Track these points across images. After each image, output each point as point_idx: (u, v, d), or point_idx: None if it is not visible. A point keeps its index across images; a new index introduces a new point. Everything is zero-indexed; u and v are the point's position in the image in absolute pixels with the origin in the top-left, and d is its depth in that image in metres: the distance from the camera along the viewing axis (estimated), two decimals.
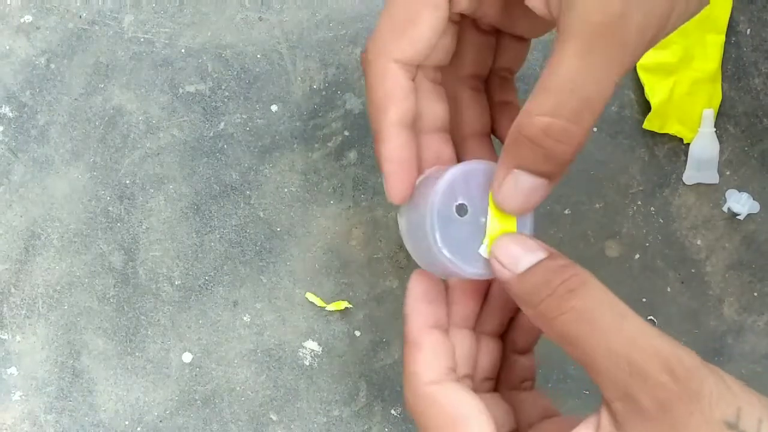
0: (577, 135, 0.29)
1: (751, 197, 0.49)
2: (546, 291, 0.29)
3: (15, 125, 0.51)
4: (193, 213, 0.50)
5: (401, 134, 0.32)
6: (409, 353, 0.31)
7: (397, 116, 0.32)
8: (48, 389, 0.50)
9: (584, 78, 0.28)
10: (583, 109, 0.28)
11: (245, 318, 0.50)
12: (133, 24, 0.51)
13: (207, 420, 0.49)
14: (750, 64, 0.50)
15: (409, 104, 0.32)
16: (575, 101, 0.28)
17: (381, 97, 0.32)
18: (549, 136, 0.29)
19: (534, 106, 0.29)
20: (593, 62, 0.28)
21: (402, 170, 0.33)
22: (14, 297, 0.50)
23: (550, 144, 0.29)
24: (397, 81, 0.32)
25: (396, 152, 0.32)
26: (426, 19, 0.31)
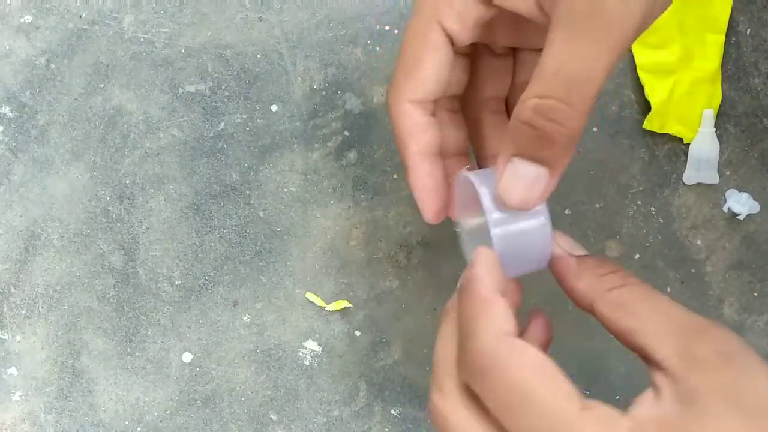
0: (569, 116, 0.29)
1: (751, 197, 0.49)
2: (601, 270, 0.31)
3: (15, 125, 0.51)
4: (193, 213, 0.50)
5: (424, 163, 0.36)
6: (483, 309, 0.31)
7: (417, 148, 0.36)
8: (48, 389, 0.50)
9: (569, 60, 0.29)
10: (571, 90, 0.29)
11: (245, 318, 0.50)
12: (133, 24, 0.51)
13: (207, 420, 0.49)
14: (750, 64, 0.50)
15: (428, 137, 0.36)
16: (561, 82, 0.29)
17: (402, 133, 0.36)
18: (540, 114, 0.30)
19: (526, 91, 0.30)
20: (578, 46, 0.29)
21: (430, 195, 0.36)
22: (14, 297, 0.50)
23: (542, 123, 0.30)
24: (413, 119, 0.35)
25: (421, 180, 0.36)
26: (428, 62, 0.34)
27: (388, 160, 0.50)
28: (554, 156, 0.30)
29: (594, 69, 0.29)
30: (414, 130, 0.35)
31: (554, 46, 0.29)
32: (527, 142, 0.30)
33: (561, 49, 0.29)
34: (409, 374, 0.49)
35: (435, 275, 0.50)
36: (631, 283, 0.31)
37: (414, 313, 0.50)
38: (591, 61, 0.29)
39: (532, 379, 0.28)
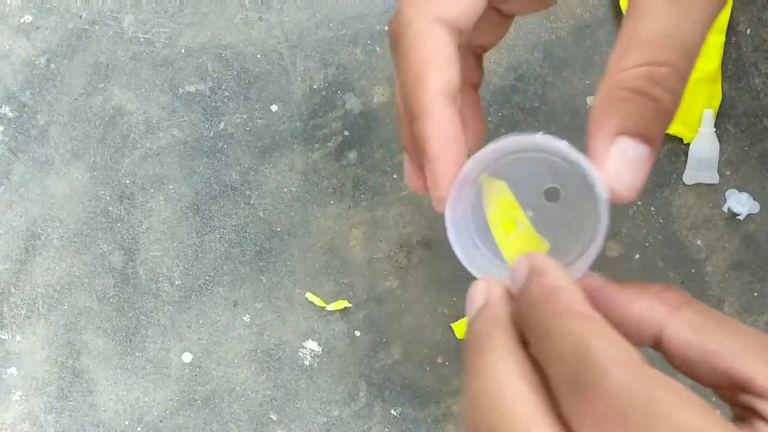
0: (681, 84, 0.26)
1: (751, 197, 0.49)
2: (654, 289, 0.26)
3: (15, 125, 0.51)
4: (193, 213, 0.50)
5: (446, 107, 0.27)
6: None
7: (440, 85, 0.27)
8: (48, 389, 0.50)
9: (681, 25, 0.25)
10: (684, 56, 0.25)
11: (245, 318, 0.50)
12: (133, 24, 0.51)
13: (207, 420, 0.49)
14: (750, 64, 0.50)
15: (454, 73, 0.27)
16: (677, 48, 0.25)
17: (420, 63, 0.27)
18: (656, 83, 0.25)
19: (628, 60, 0.25)
20: (684, 11, 0.25)
21: (451, 152, 0.27)
22: (14, 297, 0.50)
23: (658, 92, 0.25)
24: (440, 43, 0.27)
25: (443, 128, 0.27)
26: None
27: (388, 160, 0.50)
28: (660, 133, 0.26)
29: (700, 35, 0.26)
30: (440, 60, 0.27)
31: (659, 12, 0.25)
32: (638, 114, 0.25)
33: (668, 14, 0.25)
34: (409, 374, 0.49)
35: (435, 275, 0.50)
36: (693, 301, 0.25)
37: (414, 313, 0.50)
38: (701, 25, 0.25)
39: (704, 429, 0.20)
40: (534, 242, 0.30)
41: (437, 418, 0.49)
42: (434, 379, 0.49)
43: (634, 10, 0.26)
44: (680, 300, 0.25)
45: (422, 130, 0.27)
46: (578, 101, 0.49)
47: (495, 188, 0.30)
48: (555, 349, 0.22)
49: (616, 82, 0.25)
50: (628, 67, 0.25)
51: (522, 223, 0.30)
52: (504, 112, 0.50)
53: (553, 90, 0.50)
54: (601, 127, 0.26)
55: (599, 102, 0.26)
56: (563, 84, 0.50)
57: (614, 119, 0.25)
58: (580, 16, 0.51)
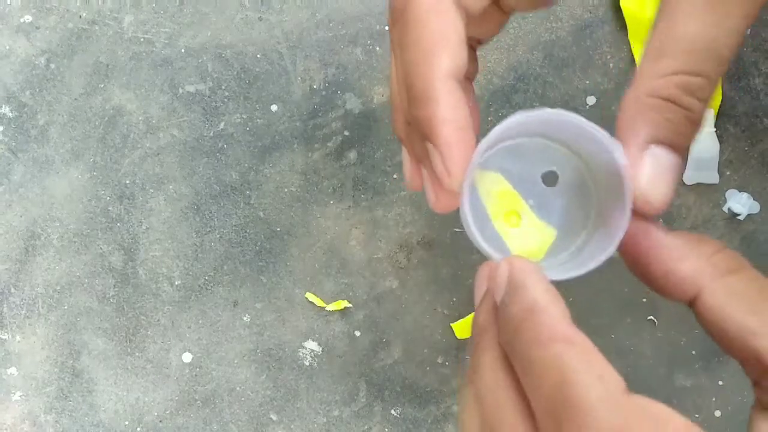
0: (711, 94, 0.25)
1: (751, 197, 0.49)
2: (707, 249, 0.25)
3: (15, 125, 0.51)
4: (193, 213, 0.50)
5: (459, 90, 0.25)
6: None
7: (450, 65, 0.25)
8: (48, 389, 0.50)
9: (718, 32, 0.24)
10: (718, 65, 0.25)
11: (245, 318, 0.50)
12: (133, 24, 0.51)
13: (207, 420, 0.49)
14: (750, 64, 0.50)
15: (463, 57, 0.26)
16: (711, 58, 0.25)
17: (430, 41, 0.25)
18: (689, 93, 0.24)
19: (661, 67, 0.25)
20: (720, 16, 0.24)
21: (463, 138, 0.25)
22: (14, 297, 0.50)
23: (692, 102, 0.24)
24: (453, 22, 0.25)
25: (455, 112, 0.25)
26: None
27: (388, 160, 0.50)
28: (689, 141, 0.25)
29: (734, 44, 0.25)
30: (452, 39, 0.25)
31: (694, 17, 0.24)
32: (669, 123, 0.25)
33: (704, 20, 0.24)
34: (409, 374, 0.49)
35: (435, 275, 0.50)
36: (746, 267, 0.24)
37: (414, 313, 0.49)
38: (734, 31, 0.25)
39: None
40: (540, 231, 0.29)
41: (437, 418, 0.49)
42: (434, 379, 0.49)
43: (669, 12, 0.25)
44: (730, 265, 0.24)
45: (433, 113, 0.25)
46: (578, 101, 0.49)
47: (491, 181, 0.29)
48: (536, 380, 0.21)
49: (649, 88, 0.25)
50: (662, 74, 0.25)
51: (525, 214, 0.29)
52: (504, 112, 0.50)
53: (554, 90, 0.50)
54: (634, 135, 0.25)
55: (631, 106, 0.25)
56: (563, 84, 0.50)
57: (648, 127, 0.25)
58: (580, 16, 0.51)
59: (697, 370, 0.48)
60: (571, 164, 0.29)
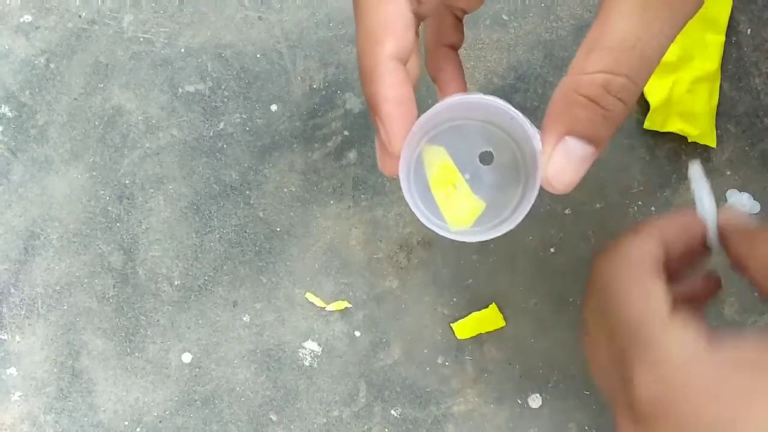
0: (634, 94, 0.27)
1: (751, 197, 0.49)
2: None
3: (14, 125, 0.51)
4: (193, 213, 0.50)
5: (399, 70, 0.28)
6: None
7: (394, 49, 0.28)
8: (47, 389, 0.50)
9: (644, 35, 0.26)
10: (642, 66, 0.27)
11: (245, 318, 0.50)
12: (133, 23, 0.51)
13: (206, 420, 0.49)
14: (750, 64, 0.50)
15: (408, 38, 0.28)
16: (636, 58, 0.26)
17: (376, 25, 0.28)
18: (610, 92, 0.27)
19: (589, 63, 0.27)
20: (650, 20, 0.26)
21: (401, 113, 0.28)
22: (14, 297, 0.50)
23: (610, 102, 0.27)
24: (399, 9, 0.28)
25: (394, 90, 0.28)
26: None
27: None
28: (607, 136, 0.28)
29: (662, 45, 0.26)
30: (396, 23, 0.27)
31: (625, 19, 0.26)
32: (587, 120, 0.27)
33: (633, 22, 0.26)
34: (409, 374, 0.49)
35: (435, 275, 0.49)
36: None
37: (414, 313, 0.49)
38: (663, 37, 0.26)
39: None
40: (471, 202, 0.33)
41: (437, 418, 0.49)
42: (434, 380, 0.49)
43: (602, 14, 0.27)
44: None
45: (376, 91, 0.28)
46: None
47: (435, 154, 0.33)
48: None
49: (574, 84, 0.27)
50: (587, 71, 0.27)
51: (460, 186, 0.33)
52: None
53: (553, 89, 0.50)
54: (551, 128, 0.28)
55: (556, 99, 0.28)
56: None
57: (565, 122, 0.27)
58: (580, 15, 0.51)
59: None
60: (507, 146, 0.33)
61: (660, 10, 0.26)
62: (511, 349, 0.49)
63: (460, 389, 0.49)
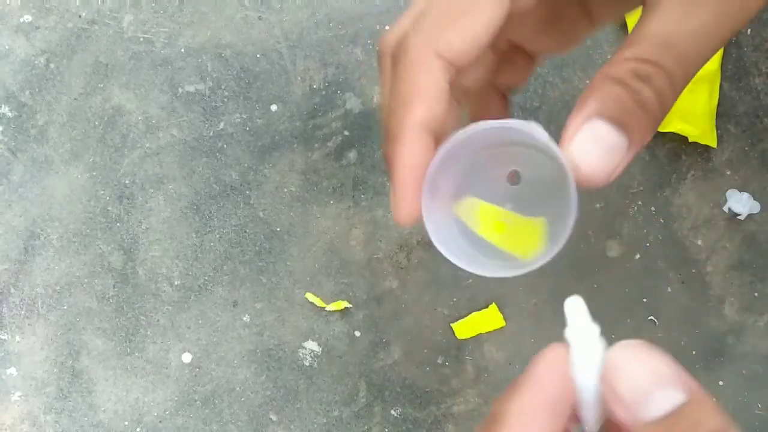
0: (667, 88, 0.26)
1: (751, 197, 0.49)
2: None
3: (14, 125, 0.51)
4: (193, 213, 0.50)
5: (423, 140, 0.28)
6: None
7: (423, 117, 0.27)
8: (47, 389, 0.50)
9: (681, 29, 0.25)
10: (677, 61, 0.26)
11: (245, 318, 0.50)
12: (133, 24, 0.51)
13: (207, 420, 0.49)
14: (750, 64, 0.50)
15: (439, 109, 0.28)
16: (670, 51, 0.25)
17: (410, 90, 0.27)
18: (638, 77, 0.25)
19: (623, 52, 0.26)
20: (691, 14, 0.25)
21: (417, 179, 0.28)
22: (14, 297, 0.50)
23: (639, 85, 0.25)
24: (434, 78, 0.27)
25: (415, 158, 0.27)
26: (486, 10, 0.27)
27: None
28: (640, 127, 0.26)
29: (706, 45, 0.26)
30: (429, 92, 0.27)
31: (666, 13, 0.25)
32: (616, 102, 0.26)
33: (674, 13, 0.25)
34: (409, 374, 0.49)
35: (435, 275, 0.49)
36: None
37: (414, 313, 0.49)
38: (705, 35, 0.25)
39: None
40: (530, 226, 0.30)
41: (437, 418, 0.49)
42: (434, 380, 0.49)
43: (644, 12, 0.26)
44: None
45: (395, 154, 0.28)
46: None
47: (468, 207, 0.30)
48: None
49: (607, 69, 0.26)
50: (620, 57, 0.26)
51: (510, 218, 0.30)
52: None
53: (554, 89, 0.50)
54: (579, 108, 0.26)
55: (591, 85, 0.26)
56: (563, 83, 0.50)
57: (595, 102, 0.26)
58: None
59: (698, 370, 0.48)
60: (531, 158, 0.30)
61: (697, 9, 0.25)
62: (511, 349, 0.49)
63: (460, 389, 0.49)
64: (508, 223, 0.30)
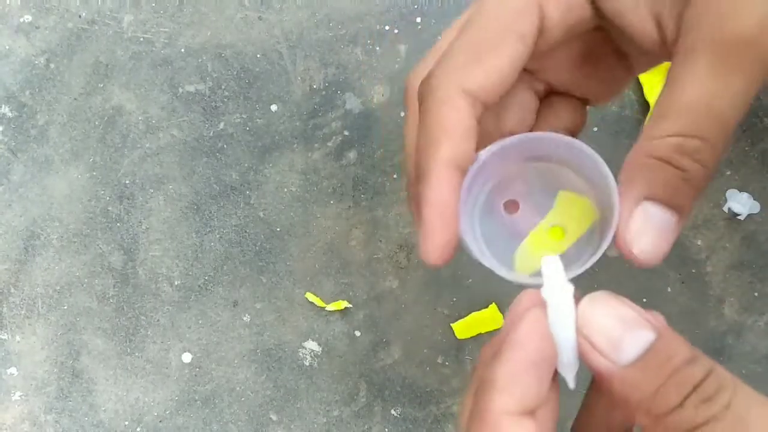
0: (712, 156, 0.26)
1: (751, 197, 0.49)
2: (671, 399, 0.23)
3: (15, 125, 0.51)
4: (193, 213, 0.50)
5: (453, 177, 0.27)
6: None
7: (451, 154, 0.27)
8: (48, 389, 0.50)
9: (720, 96, 0.25)
10: (718, 127, 0.26)
11: (245, 318, 0.50)
12: (133, 23, 0.51)
13: (207, 420, 0.49)
14: None
15: (468, 146, 0.28)
16: (710, 119, 0.25)
17: (437, 128, 0.27)
18: (684, 154, 0.26)
19: (662, 128, 0.26)
20: (728, 80, 0.25)
21: (446, 222, 0.28)
22: (14, 297, 0.50)
23: (687, 163, 0.26)
24: (461, 116, 0.27)
25: (444, 196, 0.27)
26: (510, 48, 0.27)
27: (388, 160, 0.50)
28: (688, 201, 0.26)
29: (742, 104, 0.26)
30: (456, 130, 0.27)
31: (699, 80, 0.25)
32: (665, 183, 0.26)
33: (708, 84, 0.25)
34: (409, 374, 0.49)
35: (435, 275, 0.49)
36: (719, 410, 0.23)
37: (414, 313, 0.49)
38: (739, 96, 0.26)
39: None
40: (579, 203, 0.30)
41: (437, 418, 0.49)
42: (434, 379, 0.49)
43: (673, 78, 0.26)
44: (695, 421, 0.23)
45: (422, 192, 0.28)
46: None
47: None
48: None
49: (645, 149, 0.26)
50: (659, 136, 0.26)
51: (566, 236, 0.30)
52: None
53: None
54: (627, 193, 0.26)
55: (627, 168, 0.26)
56: None
57: (640, 186, 0.26)
58: None
59: None
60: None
61: (733, 74, 0.26)
62: None
63: (460, 389, 0.49)
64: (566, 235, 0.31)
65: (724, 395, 0.23)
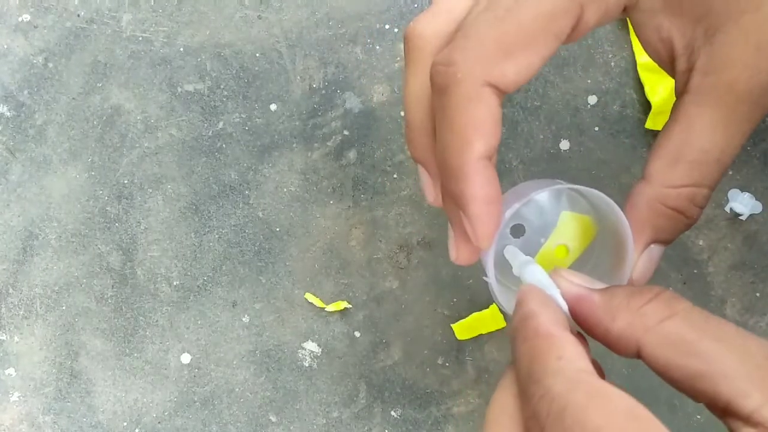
0: (708, 199, 0.29)
1: (753, 197, 0.49)
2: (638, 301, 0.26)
3: (13, 125, 0.51)
4: (192, 213, 0.50)
5: (488, 170, 0.28)
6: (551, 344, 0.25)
7: (483, 149, 0.28)
8: (46, 390, 0.50)
9: (727, 148, 0.27)
10: (721, 175, 0.28)
11: (244, 319, 0.50)
12: (132, 23, 0.51)
13: (206, 421, 0.49)
14: None
15: (496, 139, 0.28)
16: (719, 170, 0.28)
17: (466, 125, 0.27)
18: (694, 203, 0.28)
19: (676, 176, 0.28)
20: (734, 133, 0.27)
21: (491, 212, 0.28)
22: (12, 297, 0.50)
23: (695, 212, 0.28)
24: (490, 108, 0.27)
25: (484, 190, 0.28)
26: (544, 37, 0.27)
27: (388, 160, 0.50)
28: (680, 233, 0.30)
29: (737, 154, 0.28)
30: (486, 125, 0.27)
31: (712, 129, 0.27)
32: (672, 229, 0.29)
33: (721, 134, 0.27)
34: (409, 375, 0.49)
35: (435, 276, 0.49)
36: (682, 309, 0.25)
37: (414, 313, 0.49)
38: (740, 147, 0.28)
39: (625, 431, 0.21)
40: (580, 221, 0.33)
41: (437, 419, 0.49)
42: (434, 381, 0.49)
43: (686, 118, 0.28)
44: (664, 312, 0.25)
45: (464, 190, 0.28)
46: (579, 100, 0.49)
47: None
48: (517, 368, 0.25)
49: (661, 197, 0.28)
50: (675, 184, 0.28)
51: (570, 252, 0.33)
52: (505, 111, 0.49)
53: (555, 89, 0.49)
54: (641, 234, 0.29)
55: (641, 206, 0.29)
56: (564, 83, 0.49)
57: (652, 231, 0.29)
58: None
59: None
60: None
61: (743, 124, 0.27)
62: None
63: (460, 390, 0.49)
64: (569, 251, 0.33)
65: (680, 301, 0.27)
